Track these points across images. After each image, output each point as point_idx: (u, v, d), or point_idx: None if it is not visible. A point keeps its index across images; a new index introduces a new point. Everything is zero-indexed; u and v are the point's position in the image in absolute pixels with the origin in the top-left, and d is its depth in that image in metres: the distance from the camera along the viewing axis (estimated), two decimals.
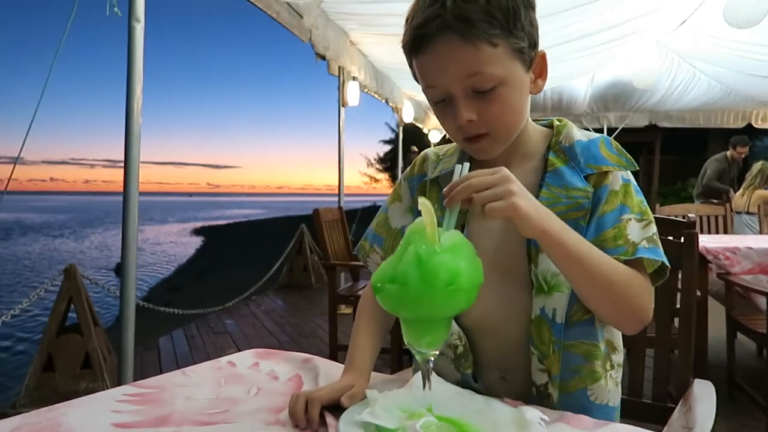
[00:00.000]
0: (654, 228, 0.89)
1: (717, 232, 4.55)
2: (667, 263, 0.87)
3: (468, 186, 0.73)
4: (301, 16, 3.81)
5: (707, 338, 2.88)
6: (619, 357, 0.99)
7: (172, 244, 20.95)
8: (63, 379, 2.94)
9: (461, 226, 0.98)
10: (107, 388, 2.93)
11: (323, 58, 4.61)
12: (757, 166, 5.41)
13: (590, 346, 0.93)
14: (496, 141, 0.91)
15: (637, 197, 0.91)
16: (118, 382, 2.39)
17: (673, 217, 2.50)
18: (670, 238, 1.36)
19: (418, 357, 0.69)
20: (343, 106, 5.38)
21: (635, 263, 0.86)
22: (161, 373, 3.66)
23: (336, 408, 0.78)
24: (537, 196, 0.88)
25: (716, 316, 3.00)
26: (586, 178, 0.91)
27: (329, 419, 0.76)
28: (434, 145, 1.28)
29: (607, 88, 7.63)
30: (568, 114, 8.51)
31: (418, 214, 1.00)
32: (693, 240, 1.30)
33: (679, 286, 1.34)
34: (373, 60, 5.61)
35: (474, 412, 0.73)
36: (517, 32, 0.85)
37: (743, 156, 6.40)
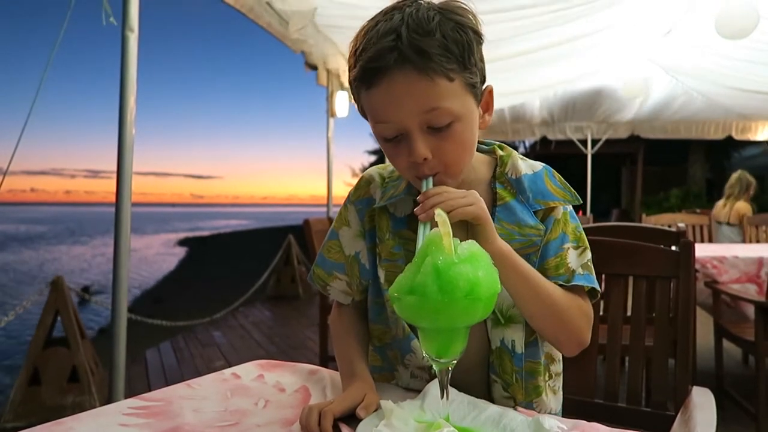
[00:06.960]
0: (589, 254, 0.97)
1: (702, 241, 4.63)
2: (598, 288, 0.95)
3: (441, 193, 0.80)
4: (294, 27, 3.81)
5: (696, 347, 2.91)
6: (557, 366, 1.04)
7: (157, 254, 20.70)
8: (50, 392, 2.89)
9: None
10: (95, 402, 2.89)
11: (313, 68, 4.61)
12: (735, 175, 5.41)
13: (534, 364, 0.97)
14: (448, 177, 0.88)
15: (572, 223, 0.97)
16: (108, 395, 2.35)
17: (660, 227, 2.56)
18: (662, 246, 1.39)
19: (436, 366, 0.69)
20: (331, 116, 5.39)
21: (573, 289, 0.93)
22: (149, 386, 3.58)
23: (349, 419, 0.78)
24: None
25: (701, 324, 3.04)
26: (535, 213, 0.95)
27: (345, 430, 0.75)
28: None
29: (579, 97, 7.60)
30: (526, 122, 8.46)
31: (371, 237, 1.02)
32: (689, 249, 1.32)
33: (671, 295, 1.37)
34: None
35: (491, 422, 0.74)
36: (470, 67, 0.84)
37: None
